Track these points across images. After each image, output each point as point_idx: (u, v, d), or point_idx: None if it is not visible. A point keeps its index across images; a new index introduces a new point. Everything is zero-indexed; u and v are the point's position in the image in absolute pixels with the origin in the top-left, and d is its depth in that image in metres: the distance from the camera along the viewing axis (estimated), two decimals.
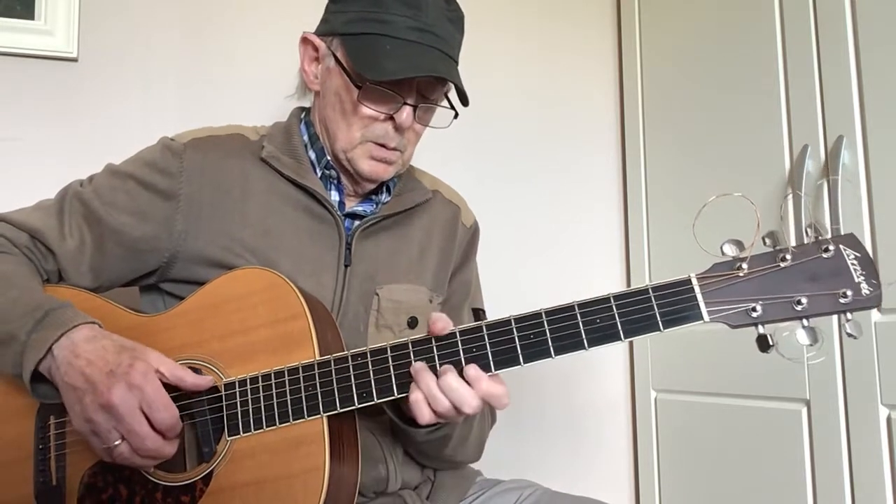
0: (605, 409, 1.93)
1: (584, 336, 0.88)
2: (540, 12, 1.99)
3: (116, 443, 0.91)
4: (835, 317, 1.33)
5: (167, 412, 0.92)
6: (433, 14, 1.08)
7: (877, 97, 1.33)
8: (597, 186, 2.00)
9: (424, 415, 0.91)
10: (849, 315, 0.82)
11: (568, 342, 0.88)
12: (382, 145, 1.11)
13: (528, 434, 1.85)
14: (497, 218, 1.84)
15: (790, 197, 0.87)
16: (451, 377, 0.90)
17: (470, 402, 0.90)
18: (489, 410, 1.21)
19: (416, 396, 0.91)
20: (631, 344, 1.94)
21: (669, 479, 1.79)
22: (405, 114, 1.09)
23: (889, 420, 1.28)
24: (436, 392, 0.90)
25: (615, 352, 1.96)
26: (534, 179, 1.94)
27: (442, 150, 1.73)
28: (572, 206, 1.97)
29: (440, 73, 1.06)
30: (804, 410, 1.43)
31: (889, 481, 1.27)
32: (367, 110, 1.09)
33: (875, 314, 1.30)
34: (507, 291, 1.52)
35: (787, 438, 1.46)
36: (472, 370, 0.90)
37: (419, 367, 0.91)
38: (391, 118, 1.10)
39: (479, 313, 1.29)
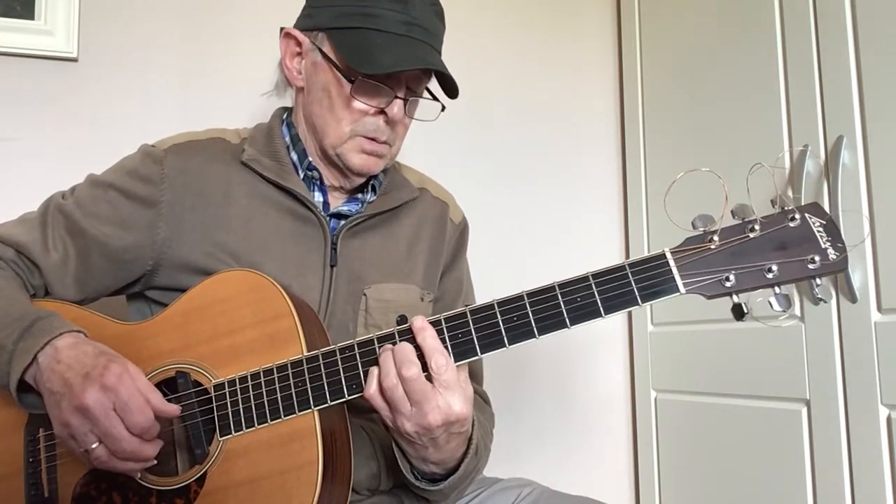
0: (605, 409, 1.93)
1: (565, 315, 0.89)
2: (540, 13, 1.99)
3: (93, 446, 0.90)
4: (834, 314, 1.35)
5: (141, 415, 0.91)
6: (420, 8, 1.08)
7: (877, 97, 1.32)
8: (597, 187, 2.00)
9: (370, 386, 0.91)
10: (818, 280, 0.85)
11: (551, 322, 0.90)
12: (373, 139, 1.11)
13: (528, 433, 1.85)
14: (497, 219, 1.84)
15: (756, 169, 0.89)
16: (406, 343, 0.91)
17: (409, 356, 0.89)
18: (486, 419, 1.20)
19: (371, 369, 0.92)
20: (631, 344, 1.94)
21: (669, 479, 1.79)
22: (396, 107, 1.09)
23: (889, 420, 1.27)
24: (389, 365, 0.90)
25: (615, 351, 1.96)
26: (534, 180, 1.94)
27: (442, 150, 1.74)
28: (573, 206, 1.97)
29: (436, 66, 1.07)
30: (804, 410, 1.43)
31: (889, 481, 1.27)
32: (358, 104, 1.09)
33: (875, 314, 1.30)
34: (507, 291, 1.52)
35: (787, 438, 1.46)
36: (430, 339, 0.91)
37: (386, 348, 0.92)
38: (382, 112, 1.10)
39: None
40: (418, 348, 0.91)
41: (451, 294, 1.26)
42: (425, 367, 0.90)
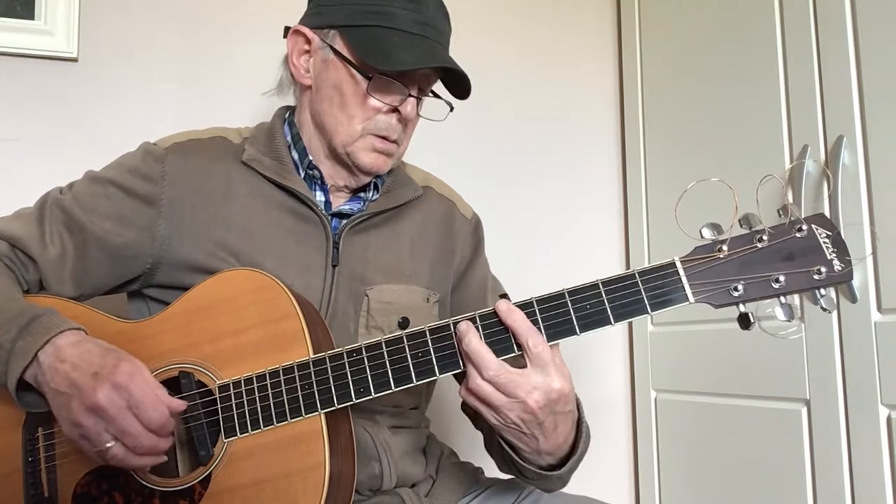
0: (605, 408, 1.93)
1: (575, 322, 0.89)
2: (540, 14, 1.99)
3: (109, 445, 0.90)
4: (834, 314, 1.36)
5: (156, 411, 0.90)
6: (432, 8, 1.10)
7: (877, 97, 1.33)
8: (597, 187, 2.00)
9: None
10: (822, 291, 0.87)
11: (560, 329, 0.90)
12: (384, 137, 1.11)
13: None
14: (497, 220, 1.83)
15: (767, 180, 0.89)
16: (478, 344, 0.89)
17: (484, 357, 0.89)
18: None
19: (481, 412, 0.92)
20: (631, 344, 1.94)
21: (669, 479, 1.79)
22: (410, 105, 1.10)
23: (889, 420, 1.28)
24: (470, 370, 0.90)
25: (615, 352, 1.96)
26: (534, 181, 1.94)
27: (441, 150, 1.73)
28: (573, 207, 1.97)
29: (454, 65, 1.08)
30: (804, 410, 1.43)
31: (889, 481, 1.27)
32: (374, 102, 1.09)
33: (875, 314, 1.30)
34: (507, 292, 1.52)
35: (787, 438, 1.46)
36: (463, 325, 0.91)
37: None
38: (395, 110, 1.10)
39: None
40: (430, 352, 0.92)
41: (477, 292, 1.25)
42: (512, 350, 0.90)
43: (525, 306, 0.91)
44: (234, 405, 0.96)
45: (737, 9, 1.65)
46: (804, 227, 0.86)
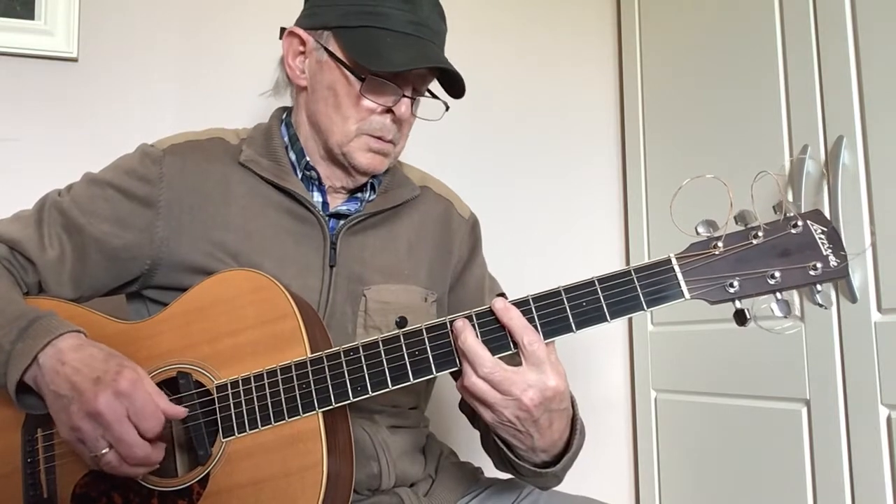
0: (605, 408, 1.93)
1: (571, 319, 0.90)
2: (540, 12, 1.99)
3: (104, 451, 0.90)
4: (834, 314, 1.35)
5: (155, 420, 0.91)
6: (426, 8, 1.10)
7: (877, 97, 1.32)
8: (597, 187, 2.00)
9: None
10: (819, 286, 0.87)
11: (556, 326, 0.90)
12: (379, 138, 1.12)
13: None
14: (497, 220, 1.83)
15: (760, 176, 0.90)
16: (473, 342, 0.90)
17: (478, 353, 0.89)
18: None
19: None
20: (631, 343, 1.94)
21: (669, 479, 1.79)
22: (404, 106, 1.10)
23: (889, 420, 1.27)
24: (466, 368, 0.90)
25: (615, 352, 1.96)
26: (534, 180, 1.94)
27: (441, 149, 1.73)
28: (573, 207, 1.97)
29: (447, 65, 1.08)
30: (804, 410, 1.43)
31: (889, 481, 1.27)
32: (367, 103, 1.09)
33: (875, 314, 1.30)
34: (506, 292, 1.52)
35: (787, 438, 1.46)
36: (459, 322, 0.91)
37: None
38: (389, 111, 1.11)
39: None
40: (427, 350, 0.92)
41: (472, 291, 1.26)
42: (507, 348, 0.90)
43: (521, 304, 0.91)
44: (231, 405, 0.96)
45: (737, 9, 1.65)
46: (799, 222, 0.87)
